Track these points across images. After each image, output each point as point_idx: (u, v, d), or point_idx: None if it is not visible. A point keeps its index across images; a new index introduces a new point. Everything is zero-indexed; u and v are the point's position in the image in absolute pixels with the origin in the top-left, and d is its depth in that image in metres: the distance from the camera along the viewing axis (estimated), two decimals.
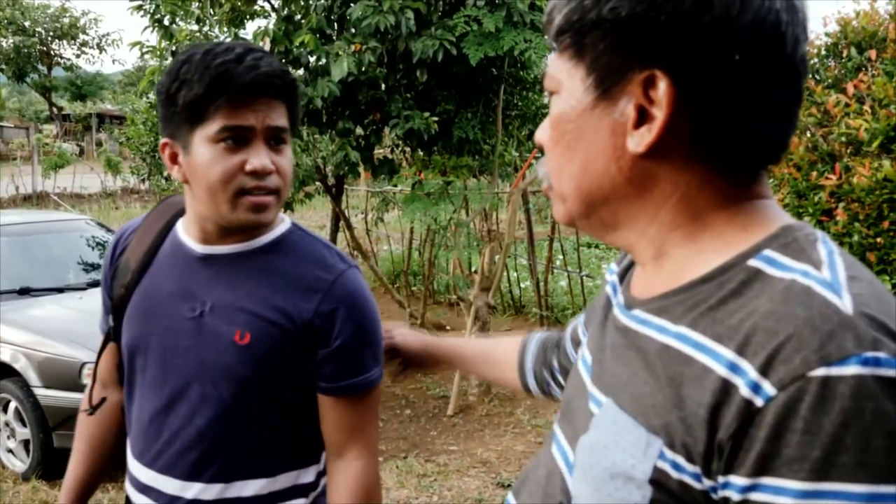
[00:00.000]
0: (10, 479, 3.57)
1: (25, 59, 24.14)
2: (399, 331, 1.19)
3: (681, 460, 0.52)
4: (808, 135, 3.66)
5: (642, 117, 0.55)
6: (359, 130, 4.38)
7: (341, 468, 1.07)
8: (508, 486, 3.42)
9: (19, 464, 3.60)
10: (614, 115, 0.56)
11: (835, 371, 0.46)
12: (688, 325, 0.54)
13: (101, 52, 26.15)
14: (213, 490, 1.05)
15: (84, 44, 25.46)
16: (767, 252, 0.54)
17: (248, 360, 1.02)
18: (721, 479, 0.49)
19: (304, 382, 1.06)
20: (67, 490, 1.26)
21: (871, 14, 3.81)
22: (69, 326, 3.68)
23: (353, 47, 3.86)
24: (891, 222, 3.18)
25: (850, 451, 0.45)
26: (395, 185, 5.92)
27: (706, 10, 0.52)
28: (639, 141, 0.56)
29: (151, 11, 4.29)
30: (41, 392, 3.43)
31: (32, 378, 3.46)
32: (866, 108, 3.39)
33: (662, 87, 0.53)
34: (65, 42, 25.20)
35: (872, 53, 3.58)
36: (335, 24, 4.27)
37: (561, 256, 6.46)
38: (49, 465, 3.49)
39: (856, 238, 3.25)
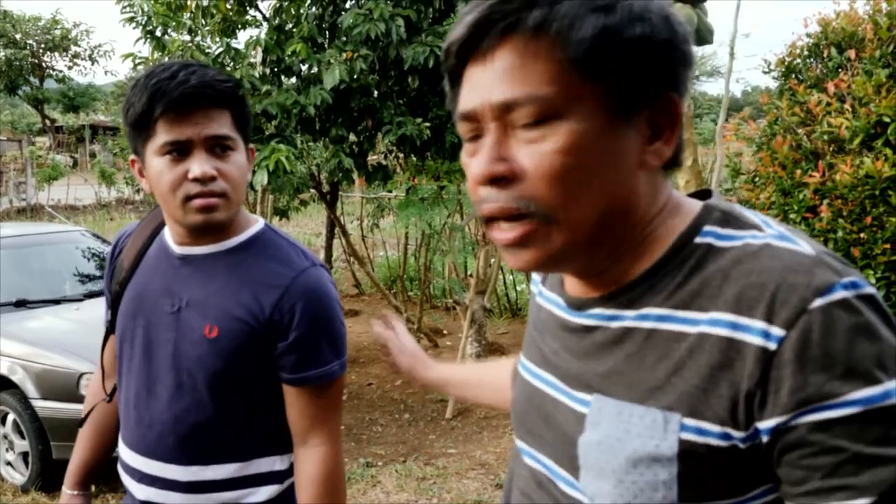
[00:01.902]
0: (10, 491, 3.56)
1: (17, 71, 24.09)
2: (395, 332, 1.17)
3: (705, 424, 0.56)
4: (792, 134, 3.71)
5: (655, 134, 0.60)
6: (352, 137, 4.40)
7: (305, 455, 1.14)
8: None
9: (18, 476, 3.59)
10: (630, 135, 0.59)
11: (828, 298, 0.53)
12: (662, 306, 0.59)
13: (93, 64, 26.13)
14: (189, 472, 1.13)
15: (76, 55, 25.43)
16: (708, 227, 0.61)
17: (217, 353, 1.10)
18: (758, 425, 0.54)
19: (271, 374, 1.13)
20: (72, 472, 1.35)
21: (851, 14, 3.86)
22: (66, 338, 3.68)
23: (344, 55, 3.89)
24: (873, 218, 3.22)
25: (871, 351, 0.52)
26: (391, 191, 5.94)
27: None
28: (657, 155, 0.61)
29: (143, 23, 4.31)
30: (39, 404, 3.43)
31: (30, 390, 3.46)
32: (847, 106, 3.43)
33: (675, 106, 0.60)
34: (56, 54, 25.16)
35: (852, 53, 3.63)
36: (326, 32, 4.30)
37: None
38: (48, 476, 3.48)
39: (840, 234, 3.29)
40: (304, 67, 4.22)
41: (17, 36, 23.81)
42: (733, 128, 4.68)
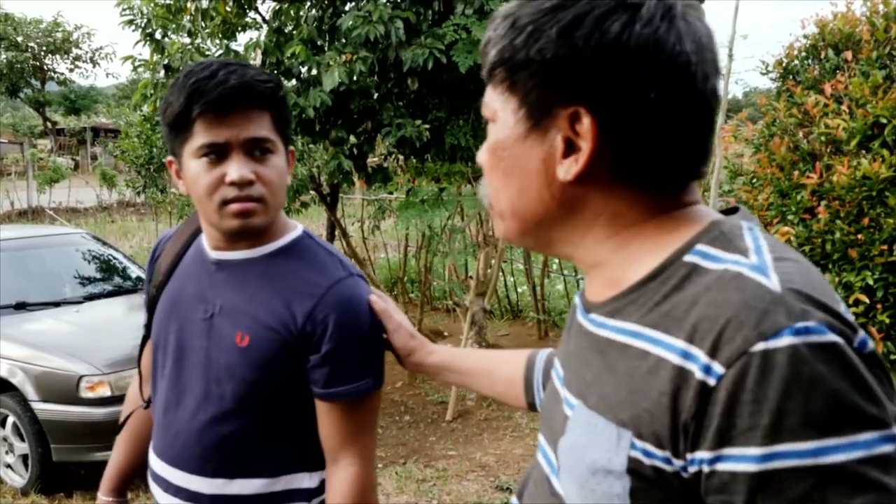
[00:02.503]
0: (9, 494, 3.56)
1: (18, 74, 24.12)
2: (395, 321, 1.11)
3: (650, 447, 0.56)
4: (790, 135, 3.71)
5: (569, 148, 0.60)
6: (352, 139, 4.40)
7: (336, 473, 1.09)
8: (507, 489, 3.42)
9: (18, 479, 3.59)
10: (544, 146, 0.61)
11: (772, 344, 0.50)
12: (638, 322, 0.59)
13: (94, 66, 26.17)
14: (214, 485, 1.09)
15: (77, 58, 25.46)
16: (700, 247, 0.59)
17: (247, 362, 1.06)
18: (689, 456, 0.54)
19: (303, 386, 1.08)
20: (109, 478, 1.33)
21: (848, 16, 3.86)
22: (66, 340, 3.69)
23: (344, 57, 3.89)
24: (870, 219, 3.22)
25: (794, 414, 0.49)
26: (391, 193, 5.94)
27: (623, 55, 0.57)
28: (567, 170, 0.61)
29: (143, 26, 4.31)
30: (39, 406, 3.43)
31: (30, 392, 3.46)
32: (844, 107, 3.43)
33: (586, 123, 0.59)
34: (58, 56, 25.19)
35: (849, 54, 3.63)
36: (326, 34, 4.30)
37: (557, 260, 6.48)
38: (48, 479, 3.48)
39: (837, 235, 3.29)
40: (304, 69, 4.22)
41: (19, 38, 23.85)
42: (731, 129, 4.68)
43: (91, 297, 4.30)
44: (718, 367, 0.52)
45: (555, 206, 0.63)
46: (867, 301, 3.13)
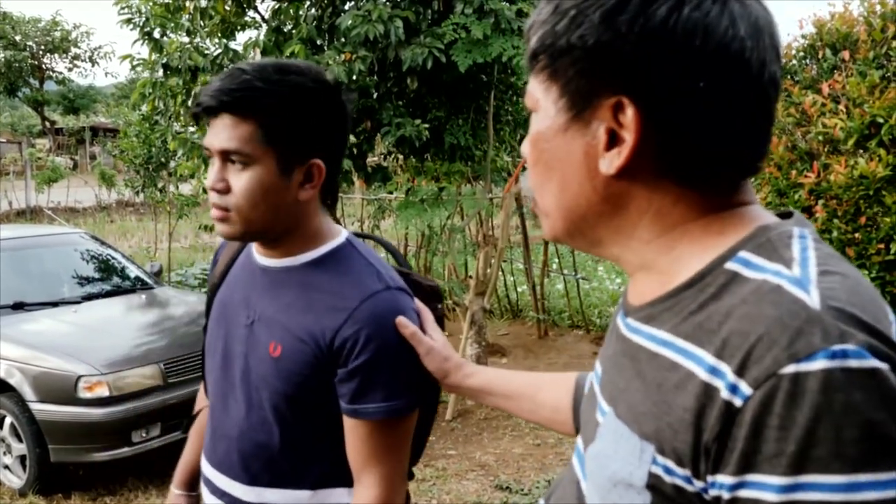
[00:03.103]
0: (7, 495, 3.55)
1: (17, 73, 24.10)
2: (426, 345, 1.04)
3: (671, 464, 0.53)
4: (788, 134, 3.71)
5: (613, 140, 0.57)
6: (351, 138, 4.40)
7: (357, 494, 1.06)
8: (507, 488, 3.42)
9: (16, 480, 3.58)
10: (587, 138, 0.58)
11: (804, 367, 0.47)
12: (671, 331, 0.56)
13: (93, 66, 26.15)
14: (252, 493, 1.08)
15: (76, 57, 25.44)
16: (742, 254, 0.55)
17: (279, 373, 1.04)
18: (710, 478, 0.51)
19: (335, 401, 1.04)
20: (180, 472, 1.34)
21: (846, 16, 3.87)
22: (64, 340, 3.68)
23: (343, 56, 3.89)
24: (868, 218, 3.22)
25: (823, 444, 0.46)
26: (391, 192, 5.94)
27: (670, 41, 0.53)
28: (610, 163, 0.57)
29: (141, 24, 4.30)
30: (37, 407, 3.42)
31: (28, 393, 3.44)
32: (841, 107, 3.44)
33: (630, 113, 0.55)
34: (56, 56, 25.18)
35: (846, 54, 3.64)
36: (325, 33, 4.30)
37: (557, 260, 6.48)
38: (46, 480, 3.47)
39: (835, 234, 3.29)
40: None
41: (17, 37, 23.82)
42: None
43: (89, 297, 4.28)
44: (745, 388, 0.49)
45: (598, 201, 0.59)
46: None
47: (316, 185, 1.05)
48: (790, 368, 0.47)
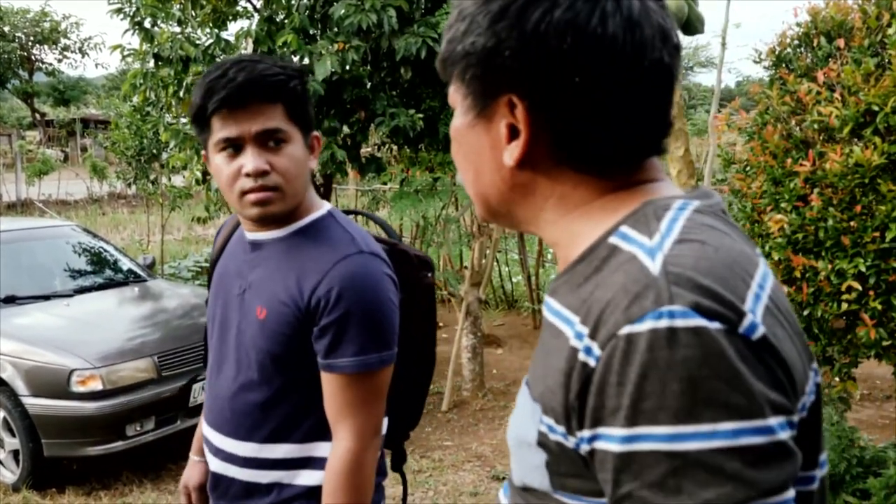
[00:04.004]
0: (0, 490, 3.53)
1: (6, 64, 23.84)
2: None
3: (552, 422, 0.58)
4: (783, 123, 3.71)
5: (514, 134, 0.62)
6: (345, 129, 4.37)
7: (333, 446, 1.14)
8: (503, 479, 3.42)
9: (9, 475, 3.56)
10: (491, 133, 0.63)
11: (636, 328, 0.51)
12: (561, 301, 0.61)
13: (83, 57, 25.91)
14: (246, 448, 1.18)
15: (66, 48, 25.18)
16: (622, 228, 0.59)
17: (265, 334, 1.15)
18: (578, 434, 0.55)
19: (316, 361, 1.14)
20: (196, 440, 1.43)
21: (840, 4, 3.86)
22: (56, 334, 3.65)
23: (336, 46, 3.85)
24: (863, 206, 3.22)
25: (650, 398, 0.50)
26: (385, 183, 5.91)
27: (543, 42, 0.58)
28: (510, 155, 0.62)
29: (131, 14, 4.25)
30: (29, 401, 3.39)
31: (20, 387, 3.42)
32: (836, 95, 3.44)
33: (519, 109, 0.60)
34: (46, 47, 24.91)
35: (841, 42, 3.64)
36: (318, 23, 4.25)
37: (551, 250, 6.47)
38: (39, 475, 3.45)
39: (830, 222, 3.30)
40: (296, 59, 4.17)
41: (6, 28, 23.56)
42: (724, 118, 4.67)
43: (82, 290, 4.25)
44: (597, 349, 0.53)
45: (507, 189, 0.65)
46: (860, 288, 3.14)
47: (317, 156, 1.20)
48: (625, 329, 0.52)
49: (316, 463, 1.17)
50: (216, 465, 1.23)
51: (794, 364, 0.54)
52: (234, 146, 1.11)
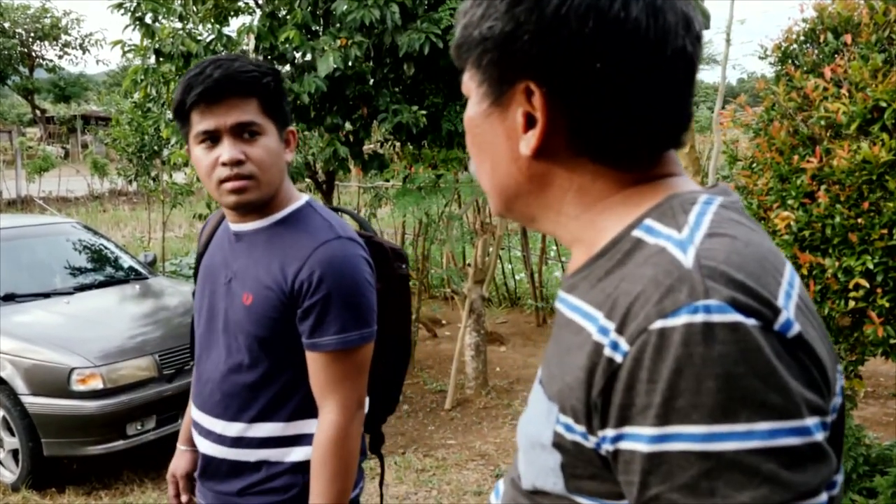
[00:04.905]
0: (0, 489, 3.51)
1: (6, 60, 23.80)
2: None
3: (571, 422, 0.56)
4: (789, 119, 3.68)
5: (531, 123, 0.59)
6: (347, 125, 4.34)
7: (319, 420, 1.22)
8: None
9: (8, 474, 3.53)
10: (507, 122, 0.61)
11: (670, 322, 0.49)
12: (581, 297, 0.59)
13: (84, 53, 25.91)
14: (234, 428, 1.25)
15: (66, 44, 25.13)
16: (647, 221, 0.57)
17: (251, 319, 1.22)
18: (600, 433, 0.53)
19: (300, 342, 1.21)
20: (183, 429, 1.48)
21: None
22: (56, 332, 3.62)
23: (338, 42, 3.82)
24: (871, 203, 3.20)
25: (684, 395, 0.48)
26: (387, 180, 5.88)
27: (563, 27, 0.56)
28: (527, 145, 0.60)
29: (132, 9, 4.21)
30: (29, 400, 3.37)
31: (20, 386, 3.39)
32: (844, 91, 3.41)
33: (537, 96, 0.58)
34: (46, 43, 24.86)
35: (848, 38, 3.61)
36: (320, 19, 4.22)
37: (555, 247, 6.44)
38: (39, 474, 3.43)
39: (837, 219, 3.28)
40: (298, 55, 4.14)
41: (6, 24, 23.52)
42: (729, 114, 4.64)
43: (82, 288, 4.22)
44: (624, 344, 0.51)
45: (524, 181, 0.63)
46: (867, 285, 3.11)
47: (293, 150, 1.28)
48: (658, 324, 0.49)
49: (302, 440, 1.24)
50: (206, 447, 1.29)
51: (826, 363, 0.53)
52: (211, 138, 1.18)
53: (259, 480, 1.25)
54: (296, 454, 1.24)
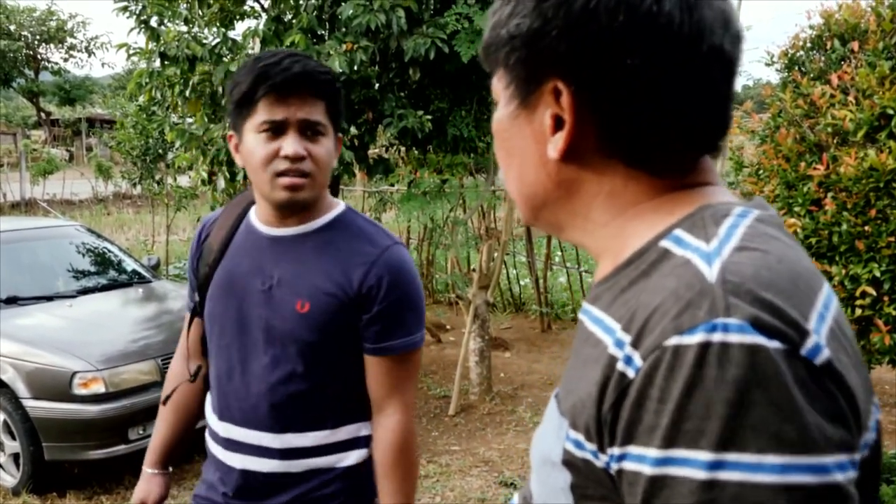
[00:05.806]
0: (0, 494, 3.49)
1: (11, 63, 23.90)
2: None
3: (581, 438, 0.53)
4: (796, 126, 3.66)
5: (559, 124, 0.57)
6: (353, 130, 4.33)
7: (381, 422, 1.24)
8: (511, 485, 3.38)
9: (9, 478, 3.51)
10: (534, 124, 0.59)
11: (685, 340, 0.46)
12: (604, 308, 0.56)
13: (89, 56, 25.98)
14: (282, 439, 1.22)
15: (72, 47, 25.24)
16: (676, 231, 0.54)
17: (309, 326, 1.19)
18: (609, 451, 0.51)
19: (357, 346, 1.22)
20: (153, 451, 1.43)
21: (854, 6, 3.82)
22: (59, 335, 3.61)
23: (344, 46, 3.81)
24: (878, 210, 3.18)
25: (693, 419, 0.45)
26: (392, 185, 5.87)
27: (592, 21, 0.53)
28: (554, 147, 0.58)
29: (137, 13, 4.21)
30: (30, 403, 3.35)
31: (21, 389, 3.37)
32: (851, 98, 3.40)
33: (565, 96, 0.56)
34: (52, 46, 24.98)
35: (855, 45, 3.60)
36: (326, 23, 4.22)
37: (560, 252, 6.43)
38: (40, 479, 3.41)
39: (844, 227, 3.26)
40: None
41: (12, 27, 23.63)
42: (736, 120, 4.63)
43: (85, 291, 4.21)
44: (638, 359, 0.48)
45: (552, 187, 0.60)
46: (874, 293, 3.09)
47: (336, 156, 1.27)
48: (673, 340, 0.47)
49: (354, 444, 1.25)
50: (247, 463, 1.24)
51: (858, 395, 0.49)
52: (275, 129, 1.16)
53: (309, 490, 1.23)
54: (349, 459, 1.24)
